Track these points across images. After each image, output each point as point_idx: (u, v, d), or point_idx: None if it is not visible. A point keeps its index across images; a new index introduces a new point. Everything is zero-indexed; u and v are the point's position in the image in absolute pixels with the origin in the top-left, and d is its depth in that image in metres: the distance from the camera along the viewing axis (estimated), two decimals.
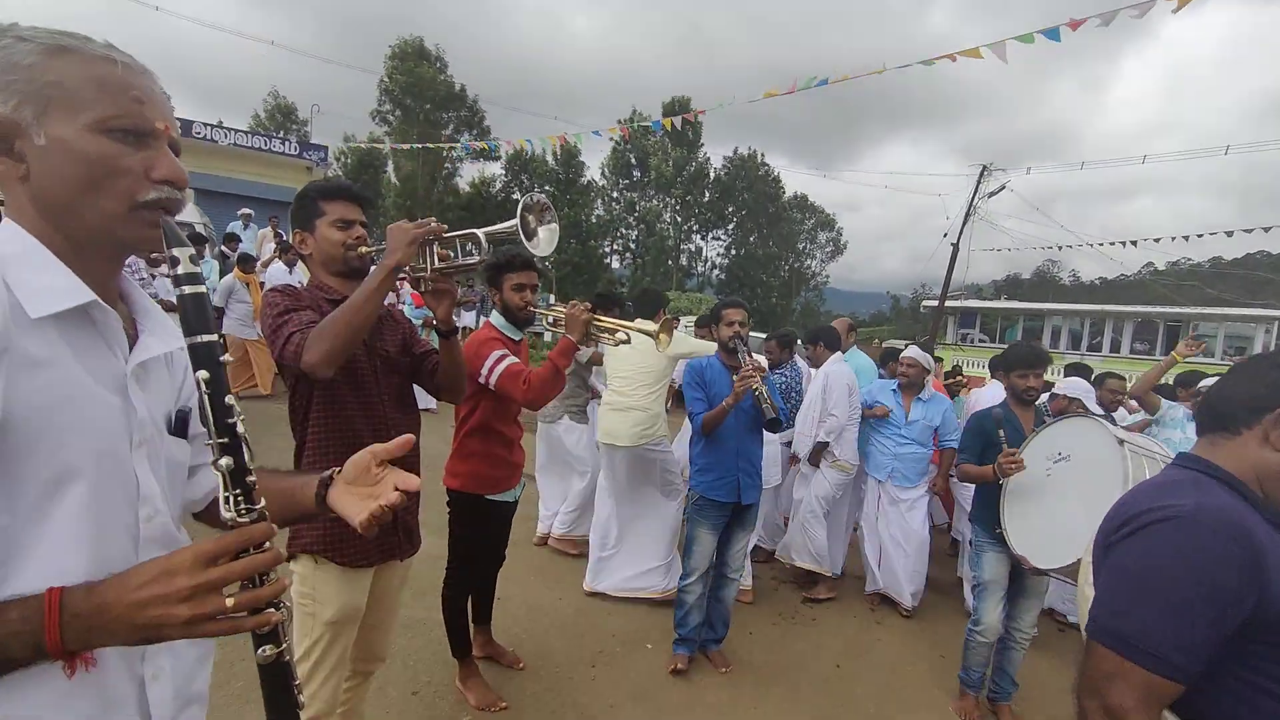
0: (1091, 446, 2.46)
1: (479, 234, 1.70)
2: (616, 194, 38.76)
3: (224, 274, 8.07)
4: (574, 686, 2.97)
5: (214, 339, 0.81)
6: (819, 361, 4.46)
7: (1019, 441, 2.82)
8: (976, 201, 18.20)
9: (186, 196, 0.84)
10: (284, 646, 0.83)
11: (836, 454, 4.15)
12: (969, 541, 3.32)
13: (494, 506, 2.66)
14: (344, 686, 1.89)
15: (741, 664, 3.35)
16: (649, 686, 3.05)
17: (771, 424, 2.86)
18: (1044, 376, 3.13)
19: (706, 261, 42.54)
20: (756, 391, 2.82)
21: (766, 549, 4.76)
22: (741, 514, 3.21)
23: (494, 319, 2.73)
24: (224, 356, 0.83)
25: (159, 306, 0.93)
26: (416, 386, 1.99)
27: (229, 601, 0.71)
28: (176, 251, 0.79)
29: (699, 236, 41.51)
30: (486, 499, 2.63)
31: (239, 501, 0.79)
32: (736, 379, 2.91)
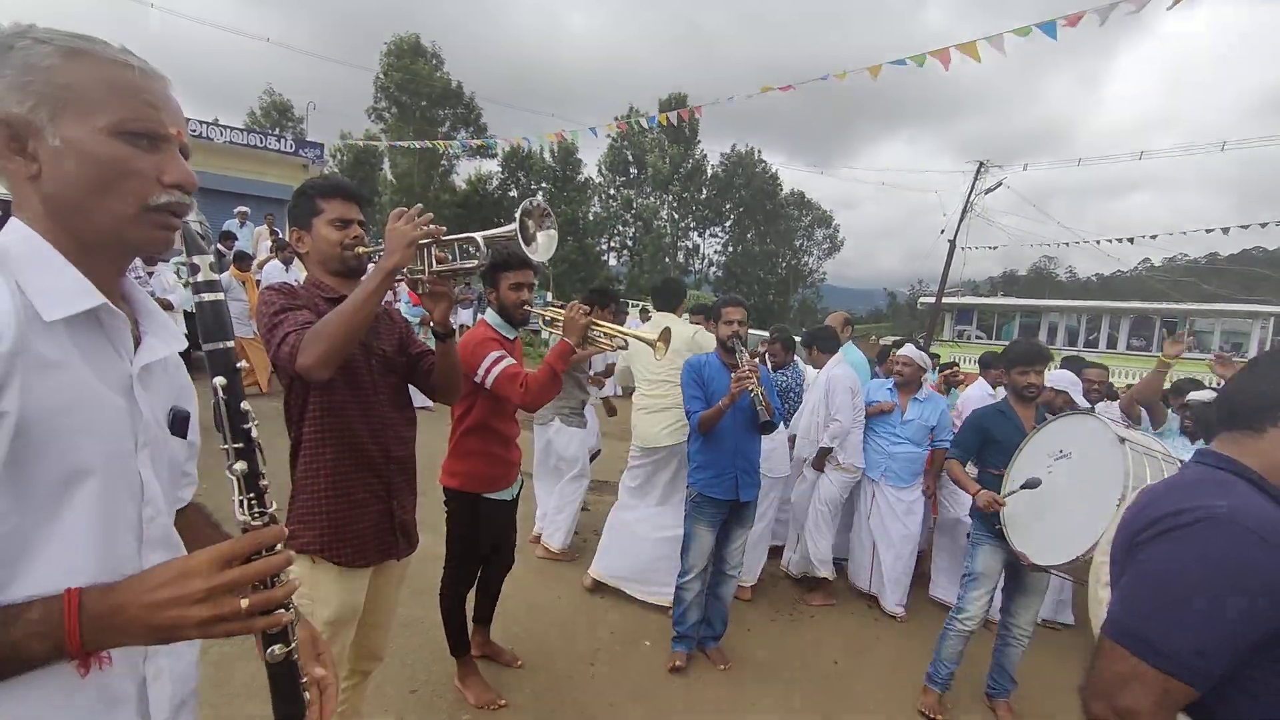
0: (1092, 444, 2.46)
1: (477, 237, 1.70)
2: (613, 191, 38.75)
3: (219, 272, 8.03)
4: (573, 684, 2.97)
5: (231, 345, 0.84)
6: (817, 363, 4.45)
7: (1018, 440, 2.83)
8: (973, 198, 18.22)
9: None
10: (293, 646, 0.85)
11: (841, 458, 4.11)
12: (966, 534, 3.32)
13: (491, 505, 2.66)
14: (342, 686, 1.88)
15: (740, 661, 3.35)
16: (648, 684, 3.05)
17: (765, 426, 2.86)
18: (1043, 373, 3.12)
19: (704, 258, 42.65)
20: (753, 393, 2.82)
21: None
22: (739, 511, 3.21)
23: (489, 317, 2.73)
24: (240, 363, 0.85)
25: (160, 307, 0.93)
26: (411, 386, 1.98)
27: (243, 603, 0.72)
28: (197, 259, 0.82)
29: (696, 233, 41.61)
30: (483, 497, 2.63)
31: (252, 505, 0.82)
32: (733, 380, 2.91)
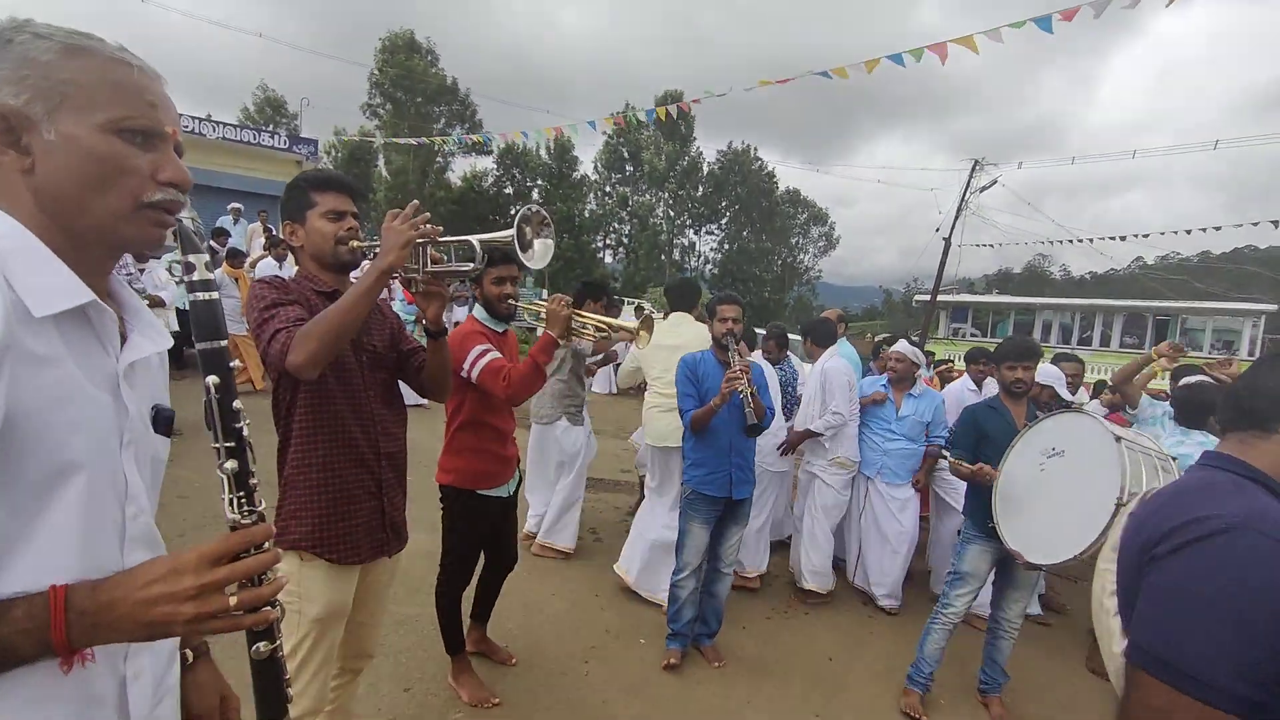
0: (1086, 442, 2.45)
1: (473, 240, 1.69)
2: (609, 188, 38.68)
3: (212, 269, 7.99)
4: (567, 682, 2.96)
5: (225, 344, 0.85)
6: (812, 356, 4.45)
7: (1010, 436, 2.83)
8: (968, 196, 18.27)
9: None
10: (278, 643, 0.87)
11: (838, 452, 4.10)
12: (957, 532, 3.33)
13: (486, 502, 2.65)
14: (332, 684, 1.88)
15: (735, 658, 3.36)
16: (642, 682, 3.05)
17: (751, 429, 2.86)
18: (1034, 370, 3.12)
19: (699, 256, 42.61)
20: (742, 393, 2.82)
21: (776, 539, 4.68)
22: (734, 509, 3.21)
23: (476, 312, 2.73)
24: (234, 363, 0.86)
25: (145, 304, 0.93)
26: (403, 383, 1.97)
27: (232, 600, 0.73)
28: (192, 258, 0.83)
29: (692, 231, 41.57)
30: (478, 494, 2.62)
31: (241, 503, 0.83)
32: (724, 380, 2.91)
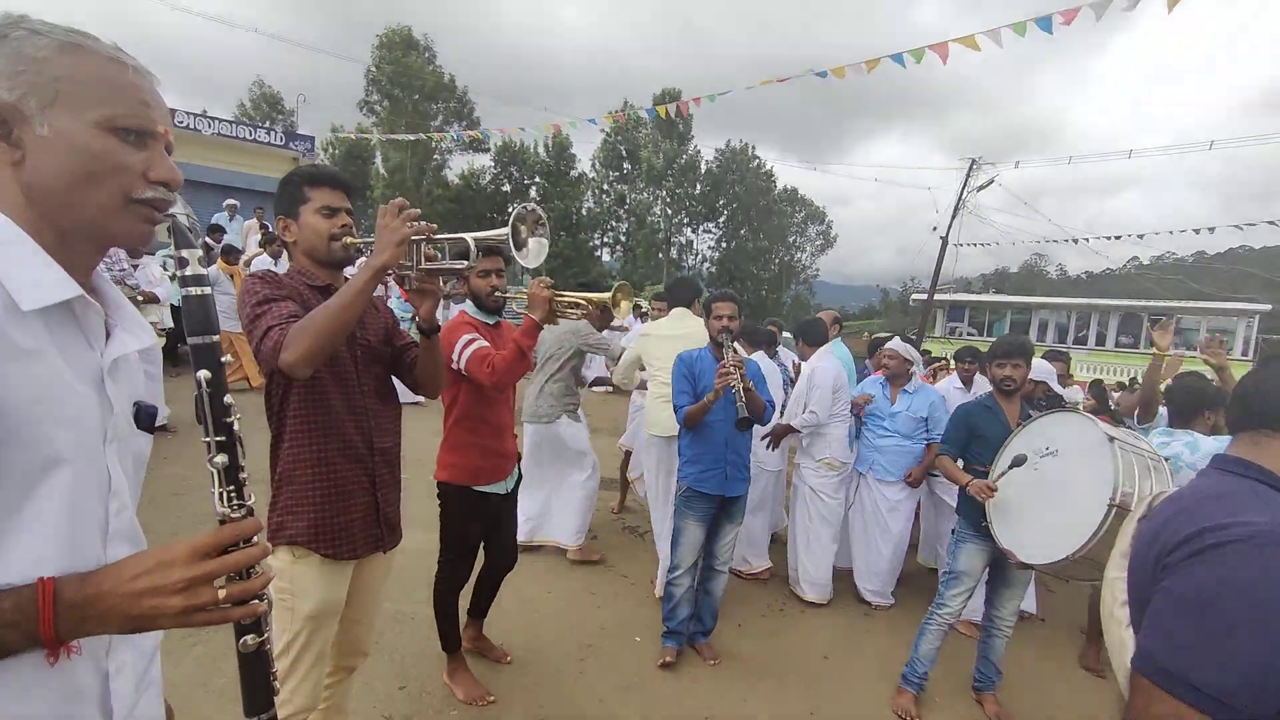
0: (1079, 442, 2.44)
1: (468, 239, 1.68)
2: (607, 186, 38.62)
3: (206, 266, 7.97)
4: (562, 680, 2.96)
5: (216, 340, 0.87)
6: (804, 355, 4.44)
7: (1004, 435, 2.83)
8: (966, 195, 18.28)
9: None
10: (265, 636, 0.89)
11: (826, 453, 4.10)
12: (951, 531, 3.33)
13: (483, 498, 2.64)
14: (326, 682, 1.87)
15: (730, 656, 3.36)
16: (637, 679, 3.05)
17: (742, 423, 2.86)
18: (1024, 367, 3.09)
19: (697, 254, 42.63)
20: (735, 389, 2.82)
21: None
22: (729, 506, 3.21)
23: (466, 306, 2.73)
24: (225, 357, 0.88)
25: (129, 301, 0.93)
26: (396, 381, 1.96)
27: (221, 594, 0.75)
28: (185, 253, 0.85)
29: (690, 229, 41.55)
30: (474, 490, 2.61)
31: (231, 498, 0.84)
32: (717, 375, 2.91)
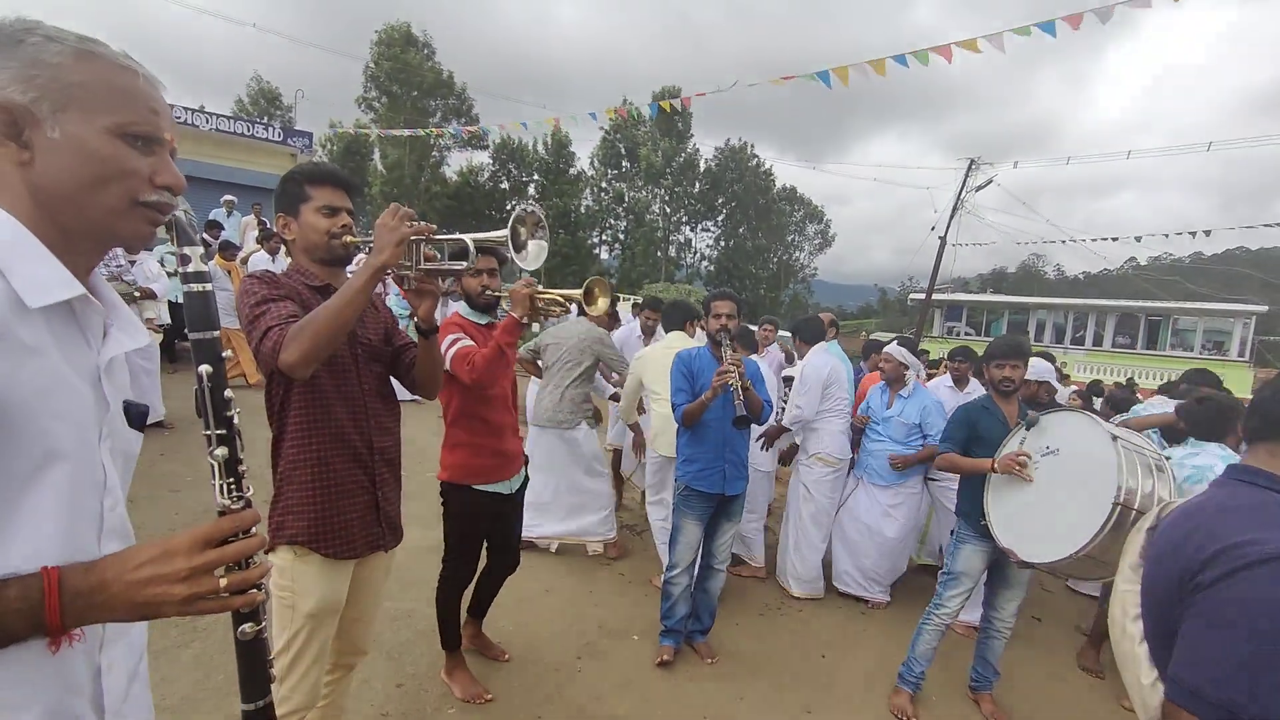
0: (1080, 441, 2.44)
1: (467, 240, 1.68)
2: (605, 184, 38.53)
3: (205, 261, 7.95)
4: (560, 678, 2.97)
5: (218, 335, 0.90)
6: (800, 353, 4.45)
7: (1003, 435, 2.84)
8: (964, 195, 18.29)
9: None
10: (263, 625, 0.92)
11: (819, 448, 4.11)
12: (950, 531, 3.34)
13: (484, 498, 2.62)
14: (325, 680, 1.87)
15: (727, 655, 3.37)
16: (635, 678, 3.06)
17: (738, 420, 2.87)
18: (1021, 368, 3.09)
19: (695, 253, 42.57)
20: (734, 386, 2.83)
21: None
22: (727, 505, 3.21)
23: (459, 307, 2.71)
24: (225, 353, 0.91)
25: (126, 299, 0.94)
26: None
27: (222, 582, 0.77)
28: (188, 250, 0.88)
29: (688, 228, 41.49)
30: (474, 489, 2.60)
31: (231, 489, 0.87)
32: (715, 374, 2.92)
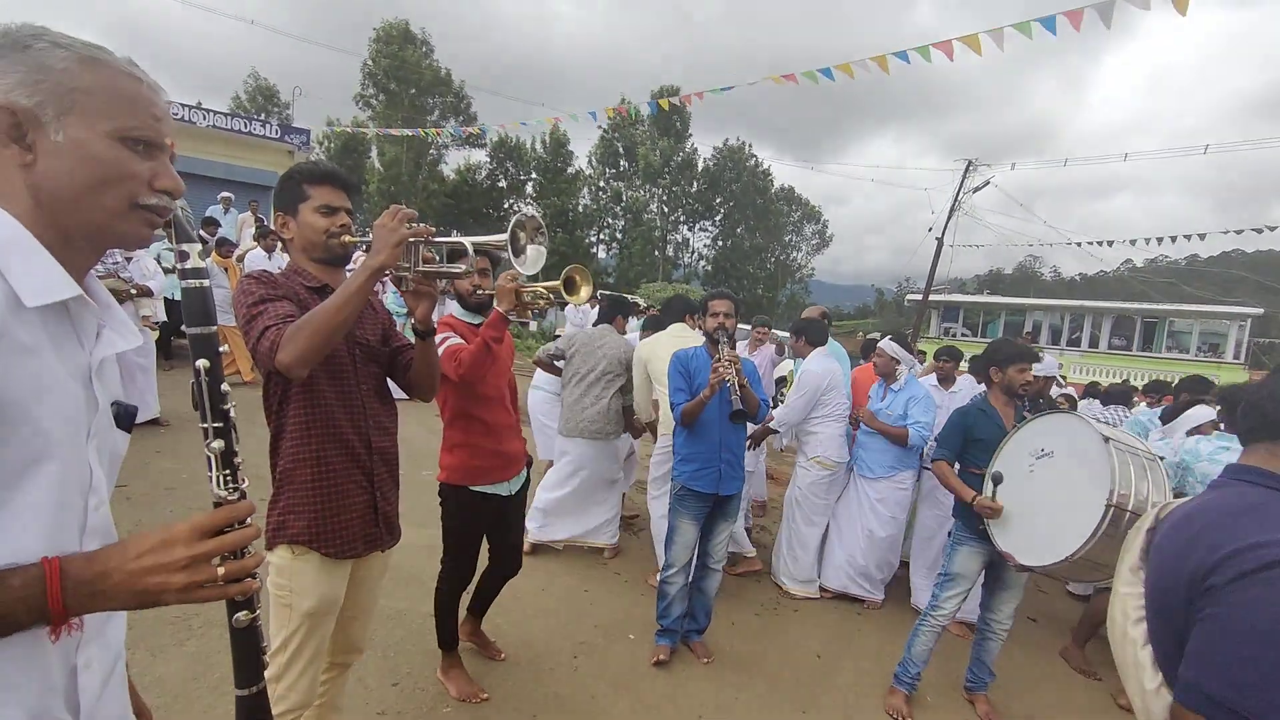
0: (1075, 443, 2.45)
1: (466, 243, 1.68)
2: (603, 183, 38.51)
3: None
4: (555, 677, 2.97)
5: (215, 330, 0.92)
6: (802, 354, 4.44)
7: (1000, 437, 2.85)
8: (961, 196, 18.33)
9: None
10: (257, 613, 0.94)
11: (817, 451, 4.12)
12: (947, 533, 3.35)
13: (482, 499, 2.60)
14: (321, 678, 1.87)
15: (723, 655, 3.37)
16: (631, 677, 3.06)
17: (736, 415, 2.87)
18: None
19: (693, 253, 42.56)
20: (730, 383, 2.83)
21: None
22: (723, 504, 3.22)
23: (453, 308, 2.70)
24: (222, 348, 0.92)
25: (121, 297, 0.94)
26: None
27: (220, 571, 0.79)
28: (185, 247, 0.90)
29: (686, 227, 41.49)
30: (472, 490, 2.59)
31: (227, 480, 0.90)
32: (712, 370, 2.92)
